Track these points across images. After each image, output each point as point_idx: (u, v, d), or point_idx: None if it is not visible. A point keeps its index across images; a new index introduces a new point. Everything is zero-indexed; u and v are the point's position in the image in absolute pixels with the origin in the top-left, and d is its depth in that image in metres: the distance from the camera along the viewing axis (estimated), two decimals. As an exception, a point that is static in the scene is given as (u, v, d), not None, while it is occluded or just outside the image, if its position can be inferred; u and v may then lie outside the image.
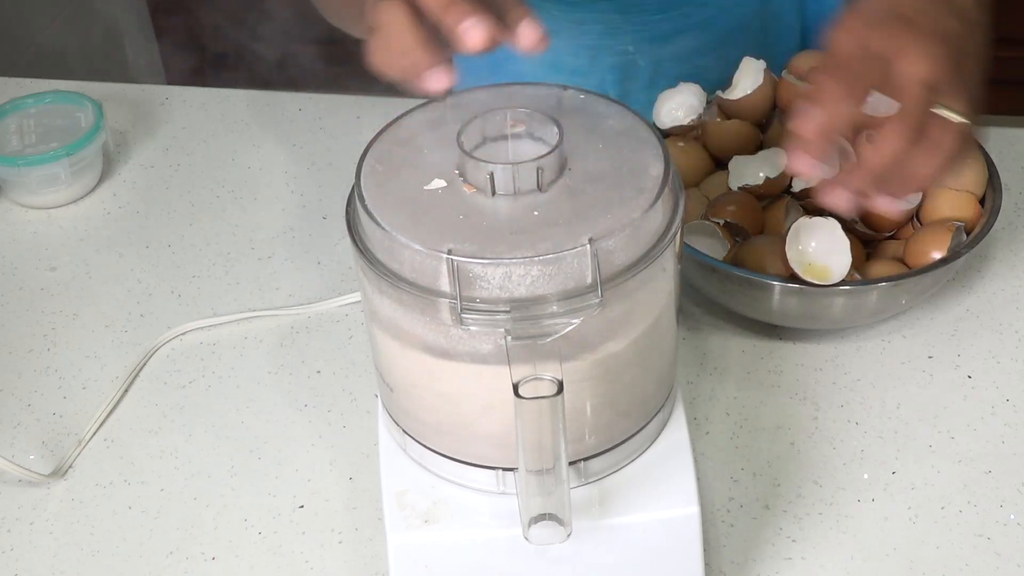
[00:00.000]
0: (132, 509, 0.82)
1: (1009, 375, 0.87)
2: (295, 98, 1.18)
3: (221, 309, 0.96)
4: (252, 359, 0.92)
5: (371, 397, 0.87)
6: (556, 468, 0.59)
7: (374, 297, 0.63)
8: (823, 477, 0.80)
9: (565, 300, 0.58)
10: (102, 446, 0.86)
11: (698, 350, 0.89)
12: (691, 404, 0.85)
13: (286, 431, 0.86)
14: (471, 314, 0.58)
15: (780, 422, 0.84)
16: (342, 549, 0.78)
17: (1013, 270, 0.95)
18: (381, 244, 0.60)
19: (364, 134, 0.65)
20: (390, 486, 0.68)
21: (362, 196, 0.62)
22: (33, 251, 1.04)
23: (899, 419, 0.84)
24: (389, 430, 0.70)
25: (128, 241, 1.04)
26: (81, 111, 1.10)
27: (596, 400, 0.63)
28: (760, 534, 0.77)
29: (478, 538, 0.66)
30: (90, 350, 0.94)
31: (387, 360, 0.66)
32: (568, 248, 0.58)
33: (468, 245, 0.58)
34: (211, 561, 0.78)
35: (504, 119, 0.64)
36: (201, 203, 1.07)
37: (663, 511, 0.66)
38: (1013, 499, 0.78)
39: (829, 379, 0.87)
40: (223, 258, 1.01)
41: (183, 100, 1.20)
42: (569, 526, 0.61)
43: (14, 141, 1.09)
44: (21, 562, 0.79)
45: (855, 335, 0.90)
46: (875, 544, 0.76)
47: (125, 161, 1.13)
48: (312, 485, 0.82)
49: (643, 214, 0.60)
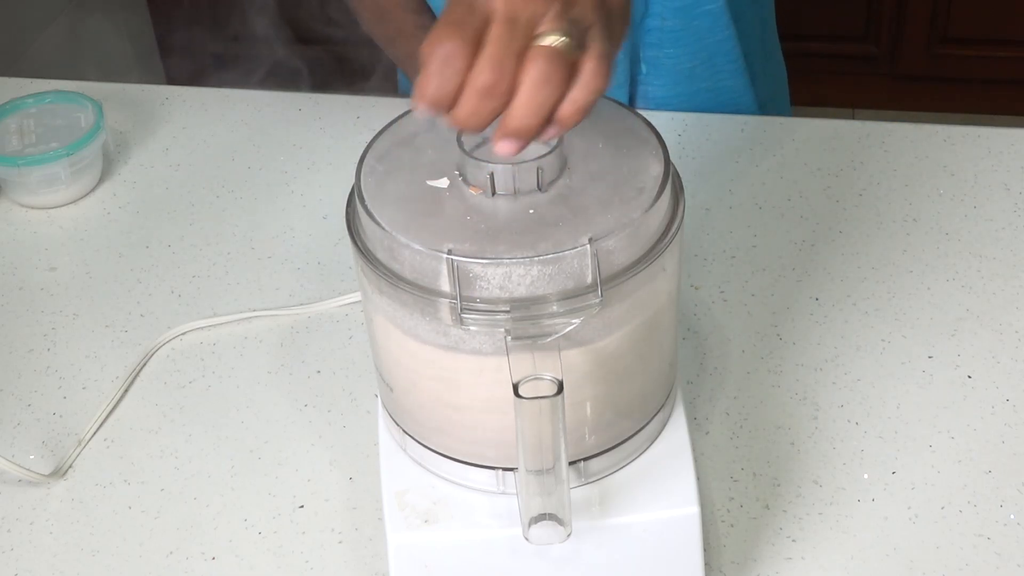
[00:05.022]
0: (132, 509, 0.82)
1: (1009, 375, 0.87)
2: (295, 98, 1.18)
3: (221, 309, 0.96)
4: (252, 359, 0.92)
5: (371, 397, 0.87)
6: (556, 468, 0.59)
7: (374, 297, 0.63)
8: (823, 477, 0.80)
9: (565, 300, 0.58)
10: (102, 446, 0.86)
11: (698, 350, 0.89)
12: (691, 404, 0.85)
13: (286, 431, 0.86)
14: (471, 314, 0.58)
15: (780, 422, 0.84)
16: (342, 549, 0.78)
17: (1013, 270, 0.95)
18: (381, 244, 0.60)
19: (364, 134, 0.65)
20: (390, 486, 0.68)
21: (362, 196, 0.62)
22: (33, 251, 1.04)
23: (899, 419, 0.84)
24: (389, 430, 0.70)
25: (128, 241, 1.04)
26: (81, 111, 1.10)
27: (596, 400, 0.63)
28: (760, 534, 0.77)
29: (478, 538, 0.66)
30: (90, 350, 0.94)
31: (387, 360, 0.66)
32: (568, 248, 0.58)
33: (468, 245, 0.58)
34: (211, 561, 0.78)
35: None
36: (201, 203, 1.07)
37: (663, 511, 0.66)
38: (1013, 499, 0.78)
39: (829, 379, 0.87)
40: (223, 258, 1.01)
41: (183, 100, 1.20)
42: (569, 526, 0.61)
43: (14, 141, 1.08)
44: (21, 562, 0.79)
45: (855, 335, 0.90)
46: (875, 544, 0.76)
47: (125, 161, 1.13)
48: (312, 485, 0.82)
49: (643, 214, 0.60)
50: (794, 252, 0.97)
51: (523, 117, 0.58)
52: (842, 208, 1.01)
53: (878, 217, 1.00)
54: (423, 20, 1.09)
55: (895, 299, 0.93)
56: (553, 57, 0.58)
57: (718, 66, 1.13)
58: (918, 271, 0.95)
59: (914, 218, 1.00)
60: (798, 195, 1.03)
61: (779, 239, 0.98)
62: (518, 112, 0.58)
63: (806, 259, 0.96)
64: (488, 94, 0.57)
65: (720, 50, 1.12)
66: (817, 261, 0.96)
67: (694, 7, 1.09)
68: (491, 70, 0.57)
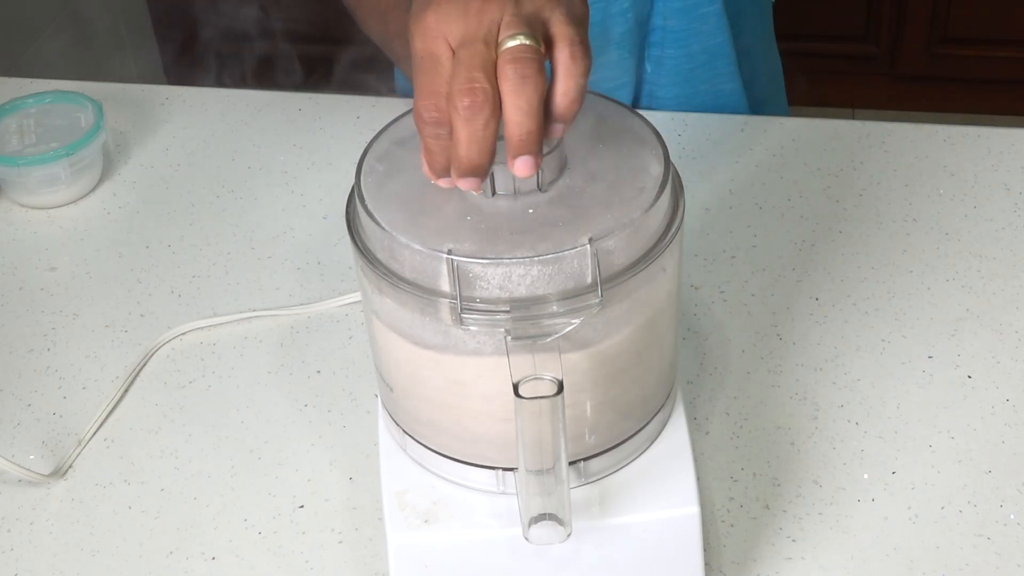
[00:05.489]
0: (132, 509, 0.82)
1: (1009, 375, 0.87)
2: (295, 98, 1.18)
3: (221, 309, 0.96)
4: (252, 359, 0.92)
5: (371, 397, 0.87)
6: (556, 468, 0.59)
7: (374, 297, 0.63)
8: (823, 477, 0.80)
9: (565, 300, 0.58)
10: (102, 446, 0.86)
11: (698, 350, 0.89)
12: (691, 404, 0.85)
13: (286, 431, 0.86)
14: (471, 314, 0.58)
15: (780, 422, 0.84)
16: (342, 549, 0.78)
17: (1013, 270, 0.95)
18: (381, 244, 0.60)
19: (364, 134, 0.65)
20: (390, 486, 0.68)
21: (362, 196, 0.62)
22: (33, 251, 1.04)
23: (899, 419, 0.84)
24: (389, 430, 0.70)
25: (128, 241, 1.04)
26: (81, 111, 1.10)
27: (596, 400, 0.63)
28: (760, 534, 0.77)
29: (478, 538, 0.66)
30: (90, 350, 0.94)
31: (387, 360, 0.66)
32: (568, 248, 0.58)
33: (468, 245, 0.58)
34: (211, 561, 0.78)
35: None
36: (201, 203, 1.07)
37: (663, 511, 0.66)
38: (1013, 499, 0.78)
39: (829, 379, 0.87)
40: (223, 258, 1.01)
41: (183, 100, 1.20)
42: (569, 526, 0.61)
43: (14, 141, 1.08)
44: (21, 562, 0.79)
45: (855, 335, 0.90)
46: (875, 544, 0.76)
47: (125, 161, 1.13)
48: (312, 485, 0.82)
49: (643, 214, 0.60)
50: (794, 252, 0.97)
51: (519, 124, 0.57)
52: (842, 208, 1.01)
53: (878, 217, 1.00)
54: None
55: (895, 299, 0.93)
56: (519, 55, 0.57)
57: (716, 68, 1.13)
58: (918, 271, 0.95)
59: (914, 218, 1.00)
60: (798, 195, 1.03)
61: (779, 239, 0.98)
62: (512, 121, 0.57)
63: (806, 259, 0.96)
64: (474, 113, 0.57)
65: (719, 53, 1.13)
66: (817, 261, 0.96)
67: (694, 8, 1.09)
68: (466, 91, 0.57)
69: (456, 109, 0.57)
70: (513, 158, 0.58)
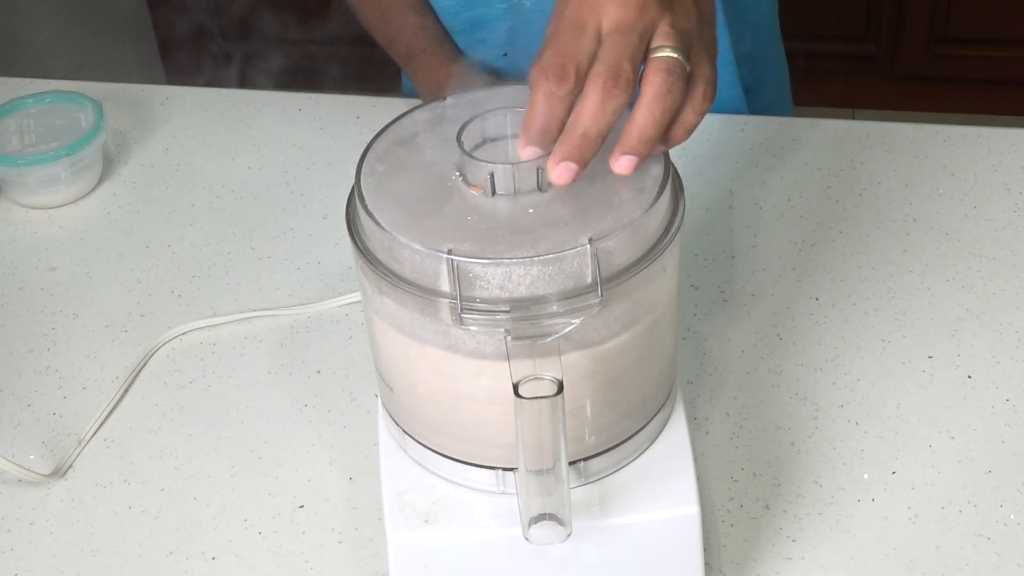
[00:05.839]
0: (132, 509, 0.82)
1: (1009, 375, 0.87)
2: (295, 98, 1.18)
3: (221, 309, 0.96)
4: (252, 359, 0.92)
5: (371, 397, 0.87)
6: (556, 468, 0.59)
7: (374, 297, 0.63)
8: (823, 477, 0.80)
9: (565, 300, 0.58)
10: (102, 446, 0.86)
11: (698, 350, 0.89)
12: (691, 404, 0.85)
13: (286, 431, 0.86)
14: (471, 314, 0.58)
15: (780, 422, 0.84)
16: (342, 549, 0.78)
17: (1013, 270, 0.95)
18: (381, 244, 0.60)
19: (364, 134, 0.65)
20: (390, 486, 0.68)
21: (362, 196, 0.62)
22: (33, 251, 1.04)
23: (899, 419, 0.84)
24: (389, 430, 0.70)
25: (128, 241, 1.04)
26: (81, 111, 1.10)
27: (596, 400, 0.63)
28: (760, 534, 0.77)
29: (478, 538, 0.66)
30: (90, 350, 0.94)
31: (387, 360, 0.66)
32: (568, 248, 0.58)
33: (468, 245, 0.58)
34: (211, 561, 0.78)
35: (504, 119, 0.64)
36: (201, 203, 1.07)
37: (663, 511, 0.66)
38: (1013, 499, 0.78)
39: (829, 379, 0.87)
40: (223, 258, 1.01)
41: (183, 100, 1.20)
42: (569, 526, 0.61)
43: (14, 141, 1.08)
44: (21, 562, 0.79)
45: (855, 335, 0.90)
46: (875, 544, 0.76)
47: (125, 161, 1.13)
48: (312, 485, 0.82)
49: (643, 214, 0.60)
50: (794, 252, 0.97)
51: (646, 128, 0.59)
52: (842, 208, 1.01)
53: (878, 217, 1.00)
54: (424, 20, 1.09)
55: (895, 299, 0.93)
56: (674, 68, 0.60)
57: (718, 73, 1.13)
58: (918, 271, 0.95)
59: (914, 218, 1.00)
60: (798, 195, 1.03)
61: (779, 239, 0.98)
62: (640, 124, 0.59)
63: (806, 259, 0.96)
64: (613, 96, 0.58)
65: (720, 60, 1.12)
66: (817, 261, 0.96)
67: None
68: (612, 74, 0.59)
69: (596, 84, 0.59)
70: (620, 154, 0.59)
